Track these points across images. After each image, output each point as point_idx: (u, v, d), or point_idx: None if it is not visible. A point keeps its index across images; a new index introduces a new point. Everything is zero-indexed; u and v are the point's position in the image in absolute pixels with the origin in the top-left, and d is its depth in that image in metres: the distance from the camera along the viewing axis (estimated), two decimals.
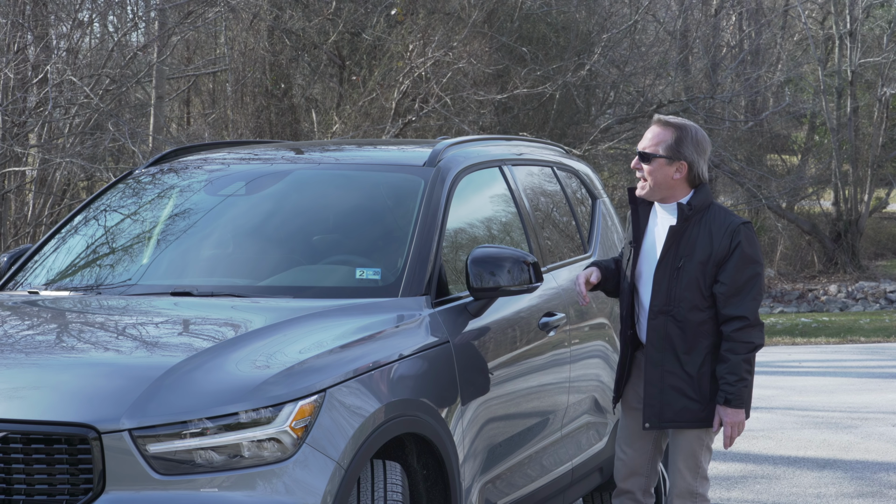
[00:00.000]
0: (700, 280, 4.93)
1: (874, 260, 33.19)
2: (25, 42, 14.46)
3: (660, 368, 4.98)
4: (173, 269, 5.40)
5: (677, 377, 4.96)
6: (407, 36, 19.57)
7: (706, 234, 4.95)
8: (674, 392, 4.97)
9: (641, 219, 5.11)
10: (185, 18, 16.52)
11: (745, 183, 28.75)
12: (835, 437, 9.71)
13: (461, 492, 4.83)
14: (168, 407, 3.99)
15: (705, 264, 4.92)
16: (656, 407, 5.00)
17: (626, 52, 24.19)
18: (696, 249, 4.94)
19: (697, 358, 4.96)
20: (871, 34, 32.82)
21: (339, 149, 6.53)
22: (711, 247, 4.93)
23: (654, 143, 5.02)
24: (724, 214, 5.01)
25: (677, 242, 4.97)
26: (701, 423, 5.01)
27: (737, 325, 4.90)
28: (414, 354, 4.72)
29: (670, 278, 4.96)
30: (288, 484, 4.04)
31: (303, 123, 20.72)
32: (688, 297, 4.94)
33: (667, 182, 5.01)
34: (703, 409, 4.98)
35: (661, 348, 4.98)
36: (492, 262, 5.05)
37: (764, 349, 17.59)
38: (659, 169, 4.99)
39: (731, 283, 4.90)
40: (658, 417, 5.00)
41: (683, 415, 4.99)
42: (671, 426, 5.03)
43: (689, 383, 4.96)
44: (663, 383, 4.98)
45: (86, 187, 16.75)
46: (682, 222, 4.97)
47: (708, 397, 4.97)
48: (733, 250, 4.92)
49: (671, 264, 4.96)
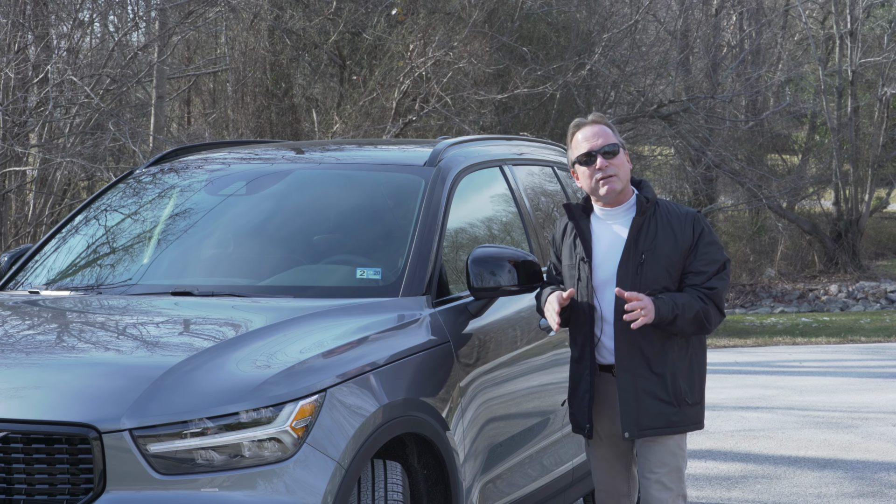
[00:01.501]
0: (666, 273, 4.84)
1: (875, 260, 33.19)
2: (26, 42, 14.47)
3: (630, 374, 4.84)
4: (174, 269, 5.40)
5: (648, 380, 4.84)
6: (407, 36, 19.57)
7: (666, 227, 4.87)
8: (647, 397, 4.84)
9: (585, 231, 4.96)
10: (186, 18, 16.52)
11: (745, 183, 28.74)
12: (835, 437, 9.71)
13: (462, 491, 4.83)
14: (169, 407, 3.99)
15: (671, 256, 4.85)
16: (633, 414, 4.85)
17: (627, 51, 24.18)
18: (658, 243, 4.85)
19: (667, 357, 4.85)
20: (872, 34, 32.81)
21: (340, 149, 6.53)
22: (675, 237, 4.86)
23: (608, 136, 4.93)
24: (675, 206, 4.96)
25: (637, 236, 4.85)
26: (676, 428, 4.88)
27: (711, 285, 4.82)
28: (414, 354, 4.72)
29: (633, 275, 4.83)
30: (288, 484, 4.04)
31: (303, 123, 20.71)
32: (655, 293, 4.81)
33: (628, 173, 4.94)
34: (676, 413, 4.87)
35: (630, 353, 4.84)
36: (492, 262, 5.05)
37: (765, 349, 17.66)
38: (623, 161, 4.92)
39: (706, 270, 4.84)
40: (636, 425, 4.85)
41: (659, 420, 4.85)
42: (649, 434, 4.87)
43: (660, 385, 4.84)
44: (636, 388, 4.84)
45: (86, 187, 16.74)
46: (642, 214, 4.88)
47: (681, 398, 4.87)
48: (698, 238, 4.87)
49: (633, 260, 4.84)
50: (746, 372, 14.67)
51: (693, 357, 4.95)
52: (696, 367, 4.97)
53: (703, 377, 5.02)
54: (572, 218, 4.99)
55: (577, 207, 5.02)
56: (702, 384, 5.00)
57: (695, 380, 4.95)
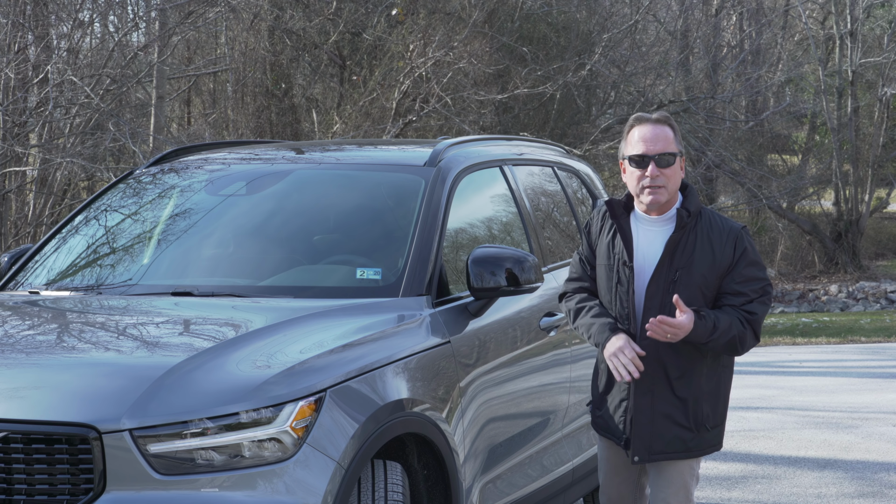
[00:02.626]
0: (700, 293, 4.53)
1: (875, 260, 33.18)
2: (26, 42, 14.47)
3: (650, 396, 4.56)
4: (174, 269, 5.40)
5: (668, 403, 4.55)
6: (407, 36, 19.57)
7: (705, 242, 4.55)
8: (665, 420, 4.56)
9: (628, 233, 4.63)
10: (186, 18, 16.52)
11: (745, 183, 28.74)
12: (835, 437, 9.70)
13: (462, 492, 4.83)
14: (169, 407, 3.99)
15: (707, 276, 4.53)
16: (646, 439, 4.58)
17: (627, 51, 24.19)
18: (696, 259, 4.53)
19: (691, 381, 4.57)
20: (872, 34, 32.81)
21: (340, 149, 6.53)
22: (713, 255, 4.54)
23: (668, 142, 4.57)
24: (719, 220, 4.63)
25: (672, 253, 4.55)
26: (691, 454, 4.62)
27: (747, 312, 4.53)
28: (414, 354, 4.72)
29: (664, 293, 4.52)
30: (289, 484, 4.04)
31: (303, 123, 20.71)
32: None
33: (679, 184, 4.61)
34: (694, 438, 4.60)
35: (652, 372, 4.54)
36: (492, 262, 5.05)
37: (765, 349, 17.65)
38: (677, 170, 4.57)
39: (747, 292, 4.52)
40: (648, 450, 4.60)
41: (674, 444, 4.59)
42: (660, 458, 4.61)
43: (681, 409, 4.57)
44: (654, 411, 4.56)
45: (86, 187, 16.74)
46: (680, 230, 4.56)
47: (701, 424, 4.59)
48: (738, 258, 4.55)
49: (666, 277, 4.53)
50: (746, 372, 14.66)
51: (721, 378, 4.68)
52: (723, 389, 4.70)
53: (727, 399, 4.73)
54: (614, 217, 4.66)
55: (618, 205, 4.69)
56: (725, 406, 4.72)
57: (719, 403, 4.68)
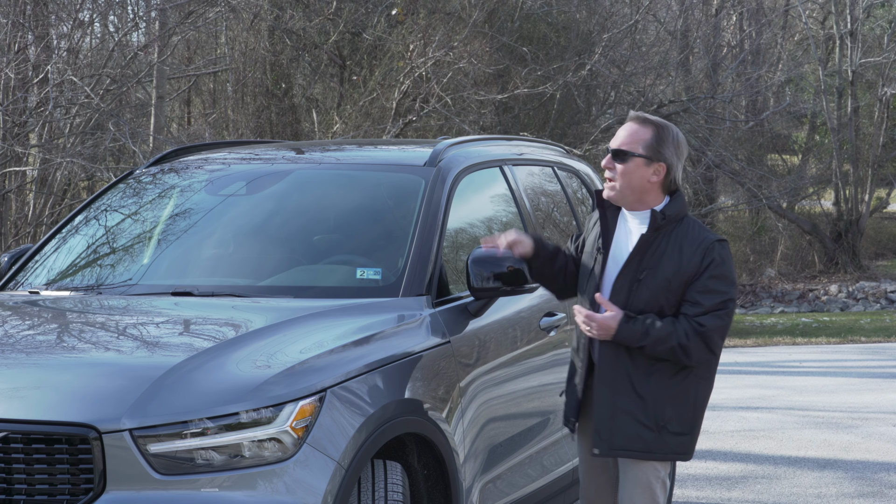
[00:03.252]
0: (663, 297, 4.51)
1: (875, 260, 33.18)
2: (26, 42, 14.47)
3: (610, 389, 4.54)
4: (174, 269, 5.41)
5: (629, 400, 4.52)
6: (407, 36, 19.56)
7: (675, 248, 4.51)
8: (625, 416, 4.52)
9: (610, 224, 4.65)
10: (186, 18, 16.52)
11: (745, 183, 28.74)
12: (835, 437, 9.70)
13: (462, 491, 4.83)
14: (169, 407, 3.99)
15: (671, 280, 4.50)
16: (605, 432, 4.55)
17: (627, 51, 24.18)
18: (663, 263, 4.51)
19: (653, 380, 4.52)
20: (872, 34, 32.81)
21: (340, 149, 6.53)
22: (680, 262, 4.50)
23: (631, 141, 4.56)
24: (698, 229, 4.58)
25: (643, 253, 4.53)
26: (652, 455, 4.55)
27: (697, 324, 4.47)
28: (414, 354, 4.72)
29: (629, 290, 4.53)
30: (289, 484, 4.04)
31: (303, 123, 20.71)
32: (644, 312, 4.51)
33: (641, 185, 4.56)
34: (656, 439, 4.53)
35: (614, 366, 4.54)
36: (492, 262, 5.05)
37: (765, 349, 17.65)
38: (635, 170, 4.55)
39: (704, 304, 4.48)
40: (608, 444, 4.55)
41: (635, 443, 4.53)
42: (622, 455, 4.57)
43: (641, 408, 4.51)
44: (614, 406, 4.53)
45: (86, 187, 16.74)
46: (653, 231, 4.53)
47: (662, 426, 4.53)
48: (704, 269, 4.50)
49: (633, 275, 4.53)
50: (746, 372, 14.66)
51: (689, 385, 4.58)
52: (692, 396, 4.59)
53: (699, 408, 4.62)
54: (600, 205, 4.67)
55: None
56: (694, 415, 4.60)
57: (685, 409, 4.58)
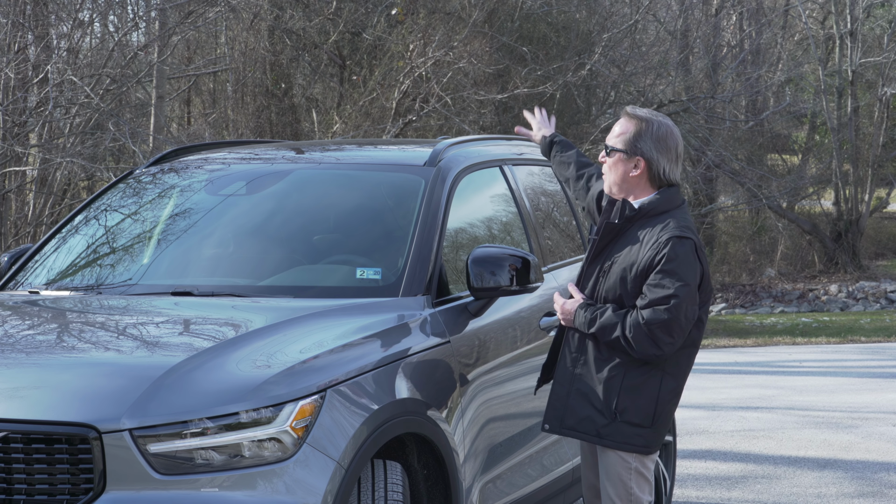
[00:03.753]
0: (621, 287, 4.60)
1: (875, 260, 33.18)
2: (26, 42, 14.47)
3: (570, 370, 4.69)
4: (174, 269, 5.41)
5: (585, 383, 4.64)
6: (407, 36, 19.57)
7: (636, 241, 4.61)
8: (580, 398, 4.65)
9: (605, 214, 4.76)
10: (186, 18, 16.52)
11: (745, 183, 28.74)
12: (835, 437, 9.70)
13: (462, 491, 4.83)
14: (169, 407, 3.99)
15: (627, 271, 4.58)
16: (559, 409, 4.70)
17: (627, 51, 24.18)
18: (622, 255, 4.62)
19: (610, 369, 4.60)
20: (872, 34, 32.81)
21: (340, 148, 6.53)
22: (637, 255, 4.58)
23: (616, 136, 4.72)
24: (669, 225, 4.59)
25: (606, 241, 4.67)
26: (604, 441, 4.63)
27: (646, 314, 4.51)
28: (414, 354, 4.73)
29: (598, 276, 4.68)
30: (288, 484, 4.04)
31: (303, 123, 20.71)
32: (610, 300, 4.63)
33: (625, 179, 4.68)
34: (606, 425, 4.60)
35: (578, 349, 4.68)
36: (492, 262, 5.05)
37: (765, 349, 17.65)
38: (616, 164, 4.69)
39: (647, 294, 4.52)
40: (560, 422, 4.70)
41: (585, 425, 4.64)
42: (571, 434, 4.70)
43: (596, 392, 4.61)
44: (571, 386, 4.67)
45: (86, 187, 16.74)
46: (622, 221, 4.64)
47: (613, 414, 4.59)
48: (657, 264, 4.53)
49: (601, 264, 4.68)
50: (746, 372, 14.66)
51: (651, 380, 4.61)
52: (653, 391, 4.61)
53: (664, 403, 4.64)
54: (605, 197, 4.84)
55: None
56: (659, 409, 4.63)
57: (647, 402, 4.60)
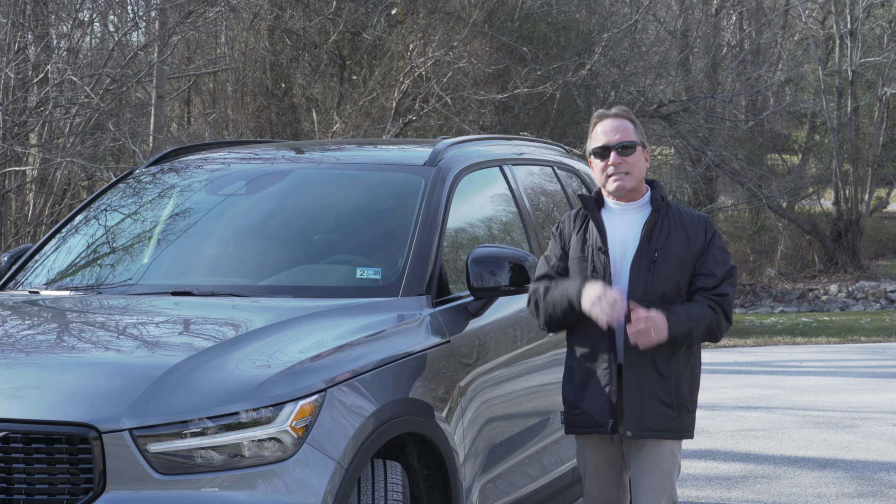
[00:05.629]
0: (678, 274, 4.76)
1: (875, 259, 33.18)
2: (26, 42, 14.47)
3: (637, 373, 4.72)
4: (174, 269, 5.41)
5: (653, 381, 4.72)
6: (407, 35, 19.56)
7: (678, 228, 4.80)
8: (651, 398, 4.73)
9: (602, 223, 4.82)
10: (186, 18, 16.52)
11: (745, 182, 28.74)
12: (835, 437, 9.70)
13: (462, 491, 4.83)
14: (169, 406, 3.99)
15: (683, 257, 4.76)
16: (637, 413, 4.72)
17: (627, 51, 24.18)
18: (671, 243, 4.77)
19: (672, 359, 4.74)
20: (872, 34, 32.81)
21: (340, 148, 6.54)
22: (688, 239, 4.78)
23: (627, 132, 4.82)
24: (687, 210, 4.90)
25: (650, 234, 4.77)
26: (674, 434, 4.77)
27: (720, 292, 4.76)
28: (414, 354, 4.73)
29: (646, 273, 4.73)
30: (288, 483, 4.04)
31: (303, 123, 20.71)
32: (665, 292, 4.73)
33: (643, 171, 4.85)
34: (675, 417, 4.76)
35: (639, 351, 4.70)
36: (492, 262, 5.05)
37: (764, 349, 17.65)
38: (639, 159, 4.81)
39: (715, 273, 4.77)
40: (639, 426, 4.73)
41: (661, 423, 4.74)
42: (651, 435, 4.75)
43: (664, 386, 4.73)
44: (642, 388, 4.73)
45: (86, 187, 16.74)
46: (656, 213, 4.80)
47: (682, 404, 4.77)
48: (709, 242, 4.80)
49: (646, 258, 4.74)
50: (746, 372, 14.67)
51: (694, 365, 4.87)
52: (697, 373, 4.89)
53: (699, 387, 4.94)
54: (587, 208, 4.85)
55: (589, 199, 4.88)
56: (697, 393, 4.93)
57: (695, 387, 4.87)
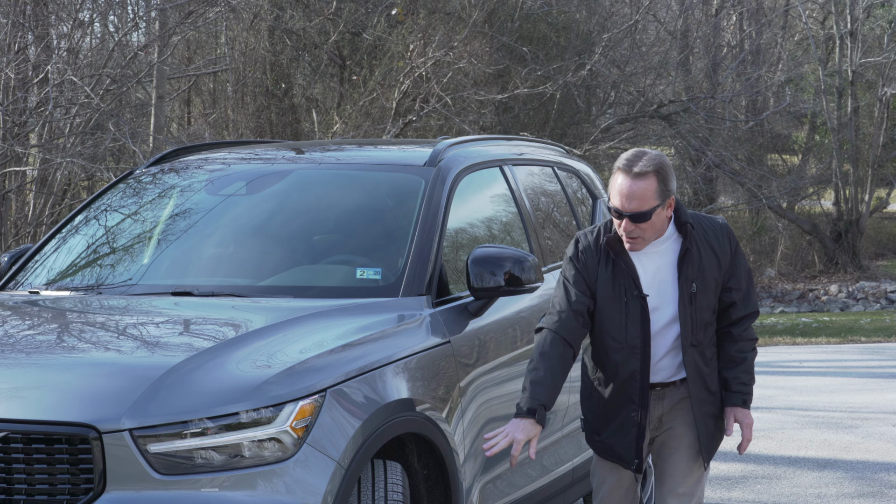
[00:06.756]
0: (713, 296, 4.69)
1: (875, 260, 33.20)
2: (26, 42, 14.46)
3: (699, 402, 4.72)
4: (174, 269, 5.41)
5: (709, 403, 4.74)
6: (407, 36, 19.57)
7: (706, 248, 4.68)
8: (710, 420, 4.75)
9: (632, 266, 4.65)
10: (186, 18, 16.52)
11: (745, 183, 28.76)
12: (835, 437, 9.70)
13: (462, 491, 4.83)
14: (169, 407, 3.99)
15: (717, 278, 4.69)
16: (707, 442, 4.75)
17: (627, 51, 24.19)
18: (705, 267, 4.66)
19: (714, 372, 4.75)
20: (872, 34, 32.82)
21: (340, 149, 6.53)
22: (717, 257, 4.69)
23: (644, 199, 4.53)
24: (706, 220, 4.76)
25: (685, 269, 4.65)
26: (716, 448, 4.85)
27: (748, 323, 4.75)
28: (414, 354, 4.73)
29: (689, 308, 4.65)
30: (288, 484, 4.04)
31: (303, 123, 20.71)
32: (707, 320, 4.69)
33: (664, 224, 4.64)
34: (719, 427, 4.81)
35: (696, 380, 4.71)
36: (492, 262, 5.05)
37: (764, 349, 17.65)
38: (658, 218, 4.59)
39: (742, 284, 4.73)
40: (709, 452, 4.76)
41: (717, 440, 4.80)
42: (712, 455, 4.80)
43: (714, 402, 4.75)
44: (704, 415, 4.73)
45: (86, 187, 16.74)
46: (686, 242, 4.66)
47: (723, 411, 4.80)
48: (734, 250, 4.73)
49: (687, 293, 4.64)
50: None
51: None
52: None
53: None
54: (616, 254, 4.65)
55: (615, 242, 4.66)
56: None
57: None
